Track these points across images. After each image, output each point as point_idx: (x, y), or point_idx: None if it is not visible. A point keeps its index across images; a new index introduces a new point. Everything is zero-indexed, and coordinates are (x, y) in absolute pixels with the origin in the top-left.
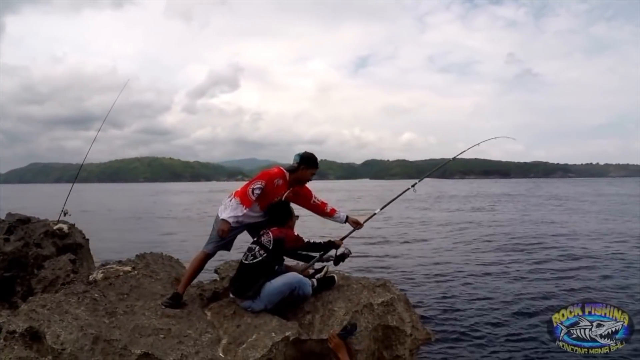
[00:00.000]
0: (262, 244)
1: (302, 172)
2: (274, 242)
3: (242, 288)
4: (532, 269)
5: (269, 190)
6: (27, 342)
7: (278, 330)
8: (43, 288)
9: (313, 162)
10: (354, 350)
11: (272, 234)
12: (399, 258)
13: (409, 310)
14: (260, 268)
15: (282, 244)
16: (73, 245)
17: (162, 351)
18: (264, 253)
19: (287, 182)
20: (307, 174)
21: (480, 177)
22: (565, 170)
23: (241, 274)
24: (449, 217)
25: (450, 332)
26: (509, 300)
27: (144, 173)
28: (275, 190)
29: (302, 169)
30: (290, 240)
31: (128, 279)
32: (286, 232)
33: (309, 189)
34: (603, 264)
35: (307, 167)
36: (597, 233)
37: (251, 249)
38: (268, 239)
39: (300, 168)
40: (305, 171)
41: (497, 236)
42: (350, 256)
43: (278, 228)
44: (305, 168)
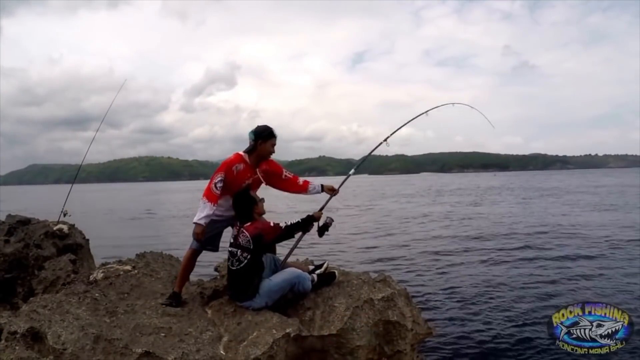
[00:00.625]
0: (242, 245)
1: (261, 147)
2: (253, 240)
3: (238, 292)
4: (533, 264)
5: (232, 179)
6: (28, 343)
7: (279, 327)
8: (44, 289)
9: (268, 133)
10: (354, 345)
11: (248, 233)
12: (400, 253)
13: (409, 305)
14: (250, 270)
15: (262, 240)
16: (73, 245)
17: (163, 350)
18: (247, 255)
19: (249, 164)
20: (266, 146)
21: (479, 170)
22: (564, 162)
23: (233, 280)
24: (449, 211)
25: (451, 327)
26: (511, 296)
27: (143, 172)
28: (239, 176)
29: (260, 144)
30: (268, 233)
31: (128, 278)
32: (261, 227)
33: (277, 165)
34: (605, 260)
35: (264, 140)
36: (598, 226)
37: (234, 254)
38: (246, 239)
39: (258, 143)
40: (264, 144)
41: (499, 230)
42: (334, 223)
43: (252, 223)
44: (263, 141)
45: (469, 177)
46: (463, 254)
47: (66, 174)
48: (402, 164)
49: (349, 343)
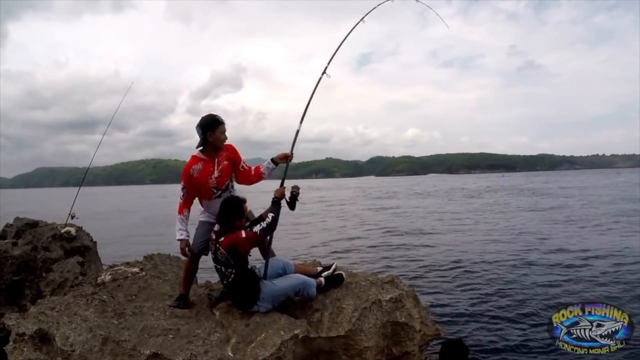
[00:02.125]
0: (222, 262)
1: (213, 138)
2: (230, 255)
3: (240, 303)
4: (543, 265)
5: (195, 182)
6: (36, 344)
7: (287, 328)
8: (52, 291)
9: (212, 122)
10: (363, 347)
11: (223, 247)
12: (408, 253)
13: (417, 306)
14: (241, 282)
15: (238, 252)
16: (81, 248)
17: (171, 351)
18: (232, 270)
19: (206, 159)
20: (217, 135)
21: (486, 171)
22: (571, 163)
23: (231, 293)
24: (457, 212)
25: (459, 327)
26: (516, 296)
27: (150, 175)
28: (201, 175)
29: (210, 135)
30: (243, 245)
31: (136, 280)
32: (235, 239)
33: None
34: (605, 260)
35: (212, 130)
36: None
37: (219, 270)
38: (223, 255)
39: (208, 135)
40: (213, 134)
41: (507, 232)
42: (300, 190)
43: (225, 237)
44: (212, 132)
45: (477, 178)
46: (471, 255)
47: (73, 177)
48: (409, 165)
49: (357, 344)
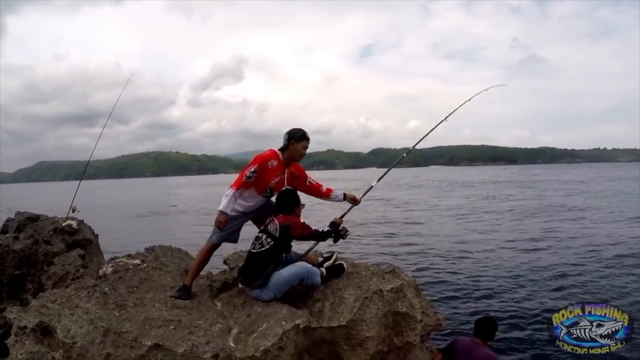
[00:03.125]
0: (269, 231)
1: (293, 147)
2: (280, 229)
3: (250, 276)
4: (546, 260)
5: (264, 173)
6: (38, 337)
7: (288, 318)
8: (53, 284)
9: (301, 134)
10: (364, 336)
11: (278, 222)
12: (409, 244)
13: (419, 296)
14: (269, 256)
15: (288, 231)
16: (82, 241)
17: (172, 342)
18: (271, 241)
19: (281, 162)
20: (298, 147)
21: (488, 163)
22: (572, 156)
23: (250, 263)
24: (459, 204)
25: (460, 318)
26: (517, 290)
27: (151, 168)
28: (271, 172)
29: (293, 144)
30: (296, 227)
31: (137, 272)
32: (292, 220)
33: (303, 171)
34: (605, 260)
35: (297, 141)
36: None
37: (258, 238)
38: (274, 226)
39: (291, 143)
40: (296, 145)
41: (508, 224)
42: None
43: (284, 215)
44: (296, 142)
45: (479, 170)
46: (472, 246)
47: (75, 170)
48: (411, 157)
49: (359, 334)
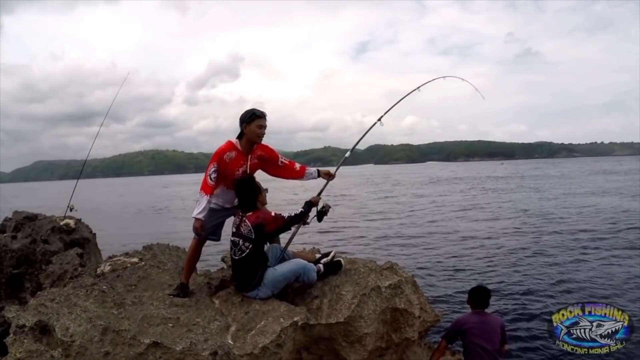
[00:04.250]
0: (244, 235)
1: (247, 131)
2: (254, 230)
3: (242, 284)
4: (538, 256)
5: (225, 167)
6: (36, 336)
7: (286, 315)
8: (51, 283)
9: (251, 115)
10: (362, 333)
11: (250, 222)
12: (407, 240)
13: (417, 293)
14: (252, 260)
15: (263, 229)
16: (80, 240)
17: (171, 340)
18: (249, 245)
19: (240, 150)
20: (252, 129)
21: (485, 159)
22: (570, 150)
23: (237, 270)
24: (456, 200)
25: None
26: (515, 285)
27: (148, 166)
28: (232, 164)
29: (245, 127)
30: (269, 223)
31: (135, 270)
32: (263, 216)
33: (273, 151)
34: (605, 260)
35: (249, 122)
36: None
37: (236, 243)
38: (247, 228)
39: (244, 127)
40: (249, 127)
41: (506, 220)
42: (330, 209)
43: (253, 213)
44: (247, 124)
45: (478, 165)
46: (469, 242)
47: (72, 169)
48: (408, 153)
49: (357, 331)
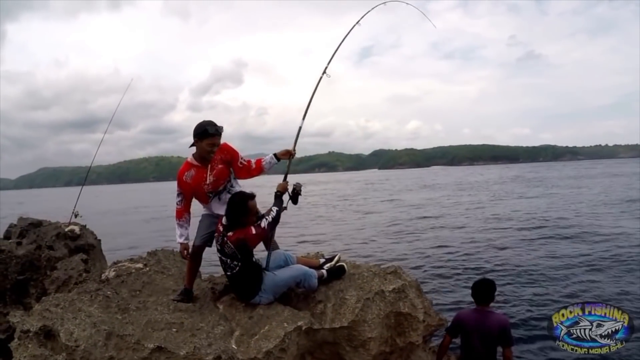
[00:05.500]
0: (229, 254)
1: (199, 146)
2: (238, 249)
3: (242, 295)
4: (541, 260)
5: (188, 188)
6: (41, 341)
7: (290, 320)
8: (56, 288)
9: (202, 132)
10: (366, 337)
11: (231, 242)
12: (412, 245)
13: (420, 297)
14: (245, 275)
15: (246, 247)
16: (85, 246)
17: (175, 344)
18: (237, 263)
19: (199, 165)
20: (202, 146)
21: (489, 162)
22: (574, 153)
23: (233, 285)
24: (461, 204)
25: None
26: (517, 290)
27: (153, 172)
28: (195, 181)
29: (196, 143)
30: (252, 239)
31: (140, 275)
32: (244, 235)
33: (234, 150)
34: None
35: (200, 139)
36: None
37: (224, 262)
38: (231, 249)
39: (195, 142)
40: (200, 144)
41: (510, 223)
42: (302, 187)
43: (234, 233)
44: (198, 141)
45: (482, 169)
46: (473, 246)
47: (77, 176)
48: (412, 157)
49: (361, 335)
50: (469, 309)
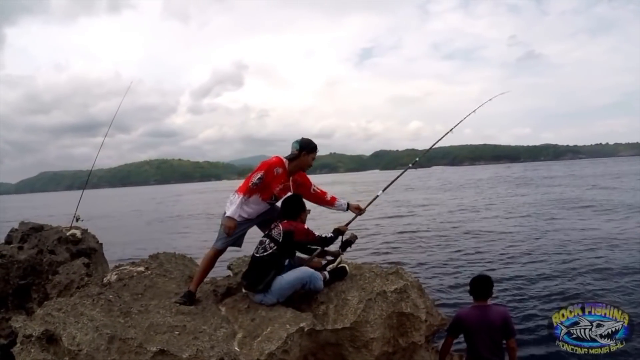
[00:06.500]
0: (273, 237)
1: (303, 158)
2: (284, 234)
3: (254, 281)
4: (548, 261)
5: (269, 180)
6: (43, 345)
7: (292, 321)
8: (58, 293)
9: (312, 147)
10: (368, 338)
11: (282, 227)
12: (413, 245)
13: (423, 297)
14: (271, 260)
15: (292, 237)
16: (87, 250)
17: (177, 347)
18: (274, 246)
19: (286, 170)
20: (308, 159)
21: (491, 162)
22: (575, 152)
23: (253, 267)
24: (461, 203)
25: None
26: (518, 290)
27: (154, 176)
28: (276, 179)
29: (304, 155)
30: (299, 233)
31: (142, 279)
32: (296, 225)
33: (307, 178)
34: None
35: (308, 153)
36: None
37: (262, 242)
38: (278, 231)
39: (302, 154)
40: (307, 157)
41: (510, 221)
42: (357, 240)
43: (288, 221)
44: (306, 153)
45: (484, 169)
46: (474, 245)
47: (78, 180)
48: (413, 158)
49: (363, 336)
50: (467, 307)
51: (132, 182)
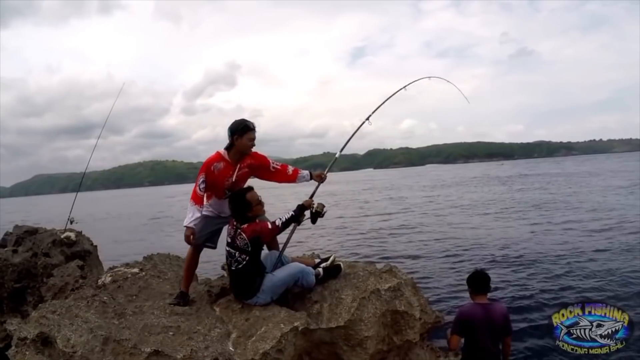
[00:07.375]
0: (240, 247)
1: (238, 143)
2: (251, 242)
3: (241, 291)
4: (545, 258)
5: (213, 179)
6: (38, 348)
7: (287, 321)
8: (53, 295)
9: (243, 127)
10: (363, 336)
11: (246, 235)
12: (407, 243)
13: (417, 294)
14: (250, 270)
15: (260, 241)
16: (81, 252)
17: (171, 348)
18: (245, 257)
19: (229, 161)
20: (243, 141)
21: (484, 160)
22: (568, 149)
23: (235, 280)
24: (454, 201)
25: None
26: (516, 288)
27: (148, 177)
28: (220, 175)
29: (237, 139)
30: (266, 234)
31: (136, 280)
32: (260, 229)
33: (264, 157)
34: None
35: (241, 135)
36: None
37: (232, 255)
38: (243, 241)
39: (235, 139)
40: (241, 139)
41: (507, 219)
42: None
43: (249, 225)
44: (239, 136)
45: (477, 166)
46: (468, 242)
47: (72, 182)
48: (407, 156)
49: (358, 334)
50: (470, 304)
51: (126, 183)
